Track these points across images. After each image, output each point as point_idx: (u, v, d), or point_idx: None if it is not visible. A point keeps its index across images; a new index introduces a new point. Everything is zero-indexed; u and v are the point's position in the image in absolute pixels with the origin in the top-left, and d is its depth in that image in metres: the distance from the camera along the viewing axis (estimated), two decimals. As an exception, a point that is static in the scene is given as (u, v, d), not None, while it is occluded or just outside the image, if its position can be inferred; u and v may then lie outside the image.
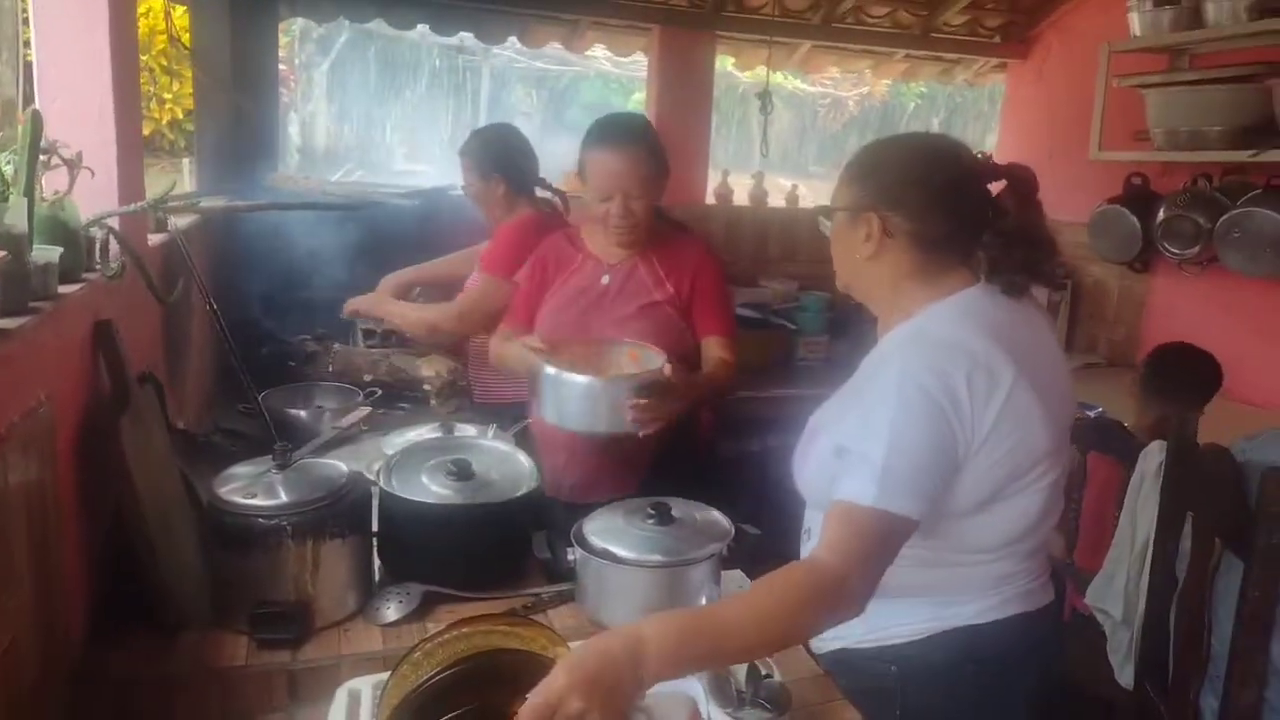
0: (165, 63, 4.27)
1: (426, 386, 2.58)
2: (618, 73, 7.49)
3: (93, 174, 1.39)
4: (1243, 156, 2.76)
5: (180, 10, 3.10)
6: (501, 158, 2.56)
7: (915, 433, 1.16)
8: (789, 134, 8.75)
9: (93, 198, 1.47)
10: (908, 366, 1.21)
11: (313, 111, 7.88)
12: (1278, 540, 1.37)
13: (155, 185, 2.05)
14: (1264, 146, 2.68)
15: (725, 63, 4.33)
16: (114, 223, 1.49)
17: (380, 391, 2.43)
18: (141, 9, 3.65)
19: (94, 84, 1.51)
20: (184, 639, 1.36)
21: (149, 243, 1.79)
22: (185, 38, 2.99)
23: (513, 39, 3.91)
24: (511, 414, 2.25)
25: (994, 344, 1.22)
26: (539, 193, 2.65)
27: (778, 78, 7.27)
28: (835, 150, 8.90)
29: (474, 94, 8.08)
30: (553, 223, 2.53)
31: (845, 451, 1.21)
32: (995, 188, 1.33)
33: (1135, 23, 3.14)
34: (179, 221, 2.11)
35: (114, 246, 1.50)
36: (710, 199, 3.94)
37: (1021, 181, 1.29)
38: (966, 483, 1.20)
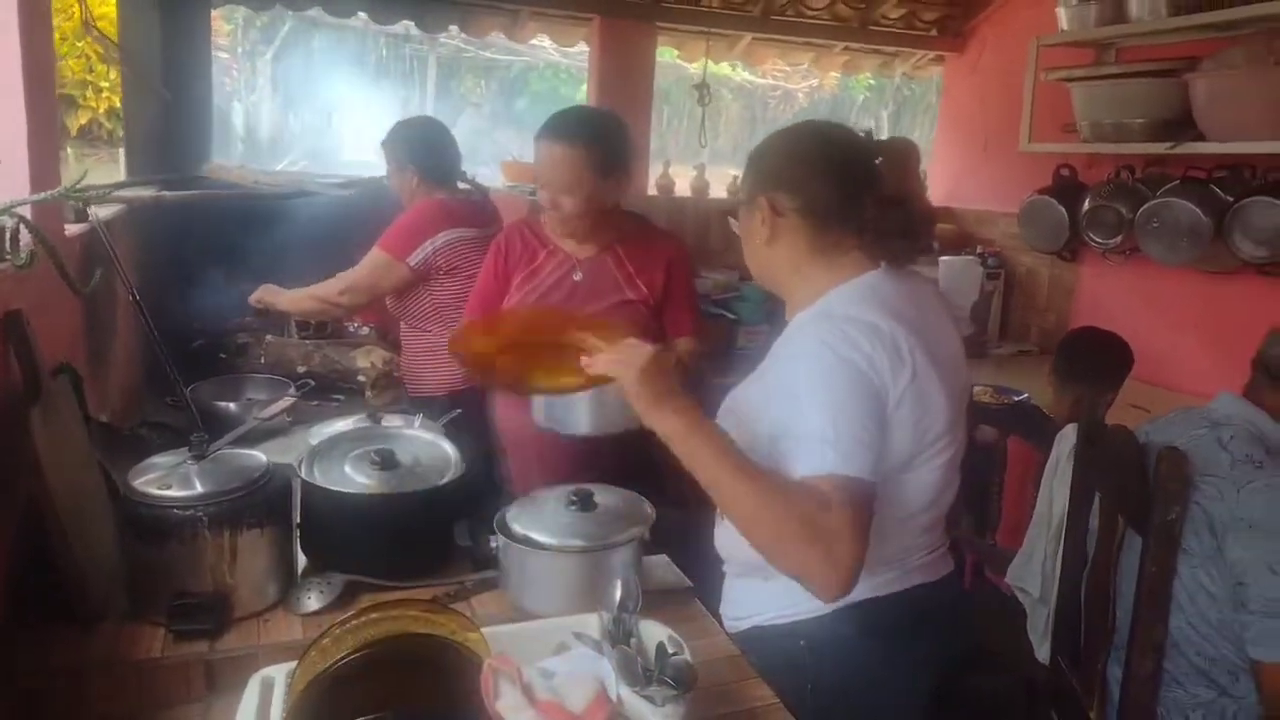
0: (102, 50, 4.16)
1: (361, 378, 2.57)
2: (567, 63, 7.47)
3: (-1, 163, 1.37)
4: (1161, 149, 2.84)
5: (108, -4, 3.04)
6: (417, 149, 2.62)
7: (848, 399, 1.21)
8: (740, 125, 8.79)
9: (3, 187, 1.45)
10: (822, 342, 1.25)
11: (256, 100, 7.74)
12: (1172, 517, 1.43)
13: (93, 176, 2.01)
14: (1181, 139, 2.77)
15: (671, 54, 4.36)
16: (25, 211, 1.46)
17: (313, 383, 2.41)
18: (76, -6, 3.57)
19: (3, 72, 1.48)
20: (100, 631, 1.34)
21: (65, 232, 1.76)
22: (111, 28, 2.92)
23: (454, 27, 3.89)
24: (443, 405, 2.27)
25: (896, 323, 1.27)
26: (460, 185, 2.68)
27: (725, 69, 7.29)
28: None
29: (421, 83, 8.00)
30: (462, 213, 2.58)
31: (784, 437, 1.25)
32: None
33: (1063, 17, 3.21)
34: (101, 211, 2.07)
35: (25, 236, 1.47)
36: (652, 190, 3.96)
37: (897, 153, 1.38)
38: (886, 445, 1.24)
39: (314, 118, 7.69)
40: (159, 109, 3.10)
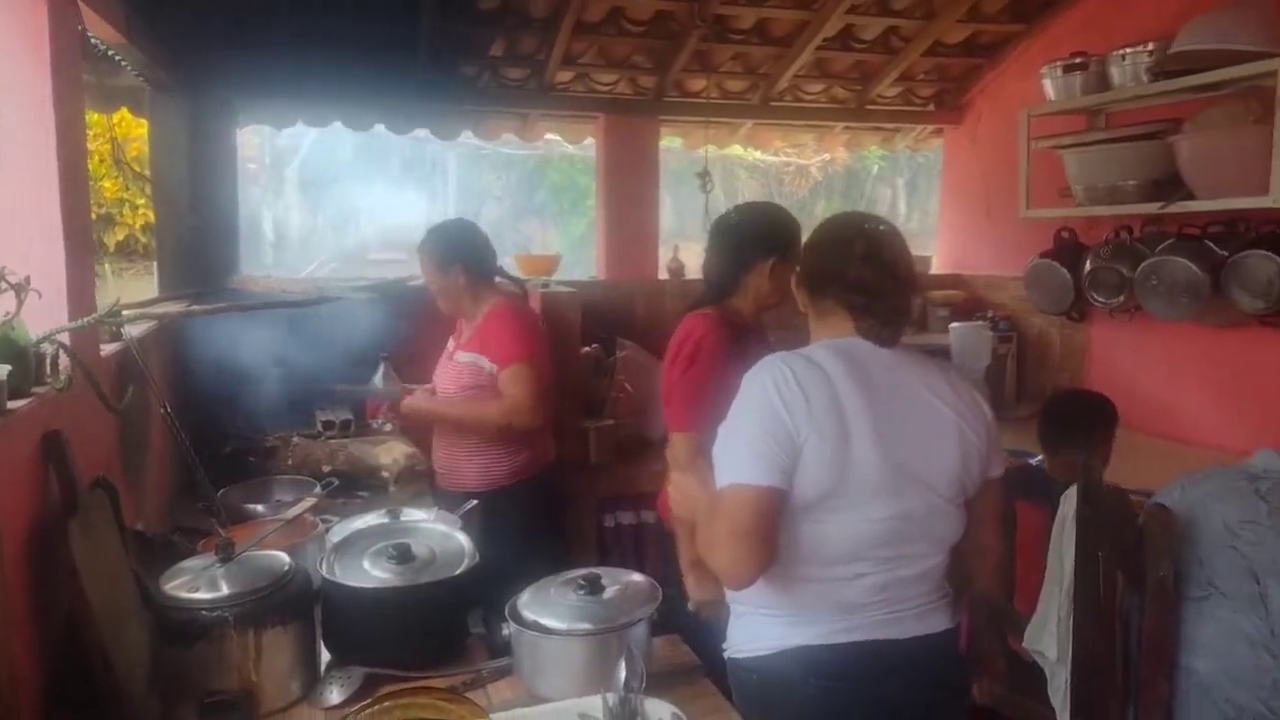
0: (137, 169, 4.41)
1: (385, 474, 2.65)
2: (581, 154, 7.75)
3: (40, 295, 1.49)
4: (1153, 208, 2.91)
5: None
6: (462, 250, 2.67)
7: (748, 414, 1.45)
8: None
9: (44, 314, 1.57)
10: (758, 373, 1.49)
11: (285, 207, 8.07)
12: (1165, 573, 1.45)
13: (128, 291, 2.16)
14: (1171, 198, 2.83)
15: (676, 142, 4.52)
16: (64, 338, 1.58)
17: (337, 482, 2.49)
18: (116, 117, 3.82)
19: (44, 211, 1.62)
20: (132, 734, 1.41)
21: (101, 352, 1.88)
22: (144, 147, 3.13)
23: (468, 132, 4.09)
24: (483, 500, 2.31)
25: (849, 371, 1.46)
26: (498, 280, 2.78)
27: (737, 150, 7.51)
28: (803, 215, 9.18)
29: (443, 180, 8.30)
30: (523, 304, 2.70)
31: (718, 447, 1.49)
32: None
33: (1049, 88, 3.33)
34: (134, 330, 2.20)
35: (64, 359, 1.59)
36: (664, 274, 4.08)
37: (868, 242, 1.56)
38: (803, 474, 1.41)
39: (341, 220, 8.00)
40: (188, 226, 3.28)
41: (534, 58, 3.64)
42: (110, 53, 2.49)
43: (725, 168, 8.81)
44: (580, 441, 3.15)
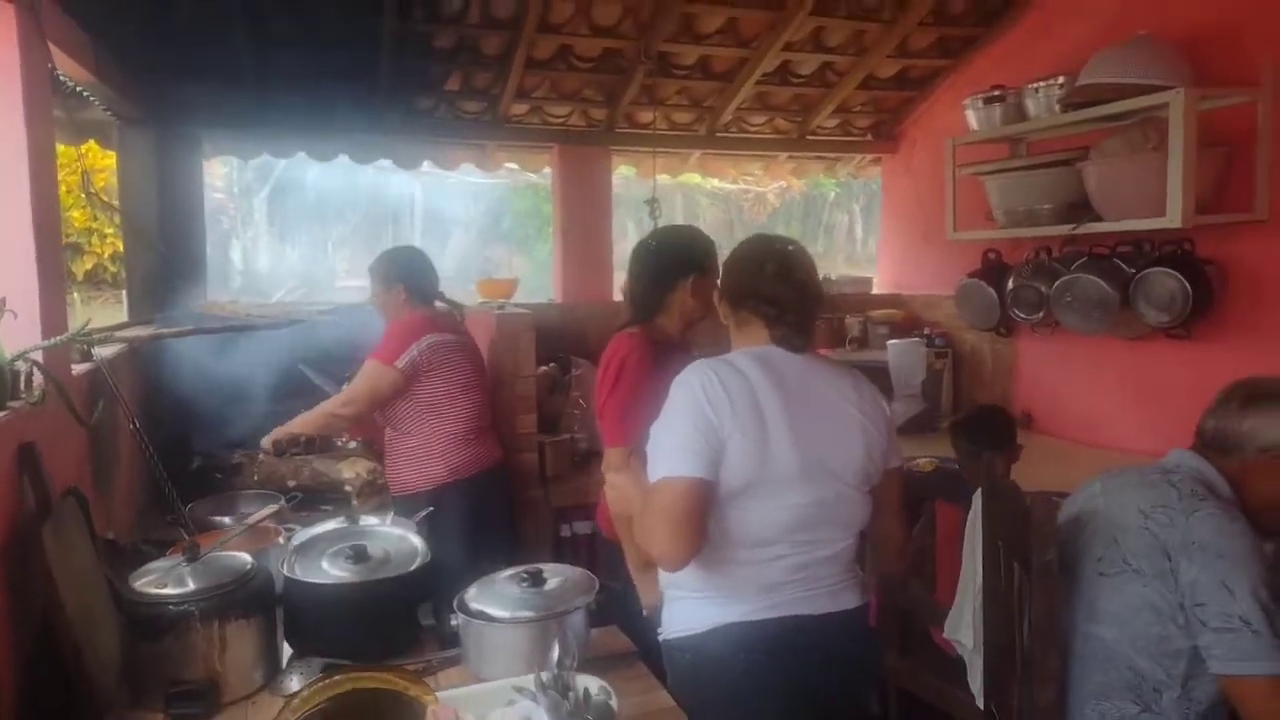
0: (105, 199, 4.50)
1: (348, 488, 2.77)
2: (544, 182, 7.93)
3: (15, 316, 1.61)
4: (1065, 230, 3.12)
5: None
6: (405, 272, 2.94)
7: (678, 414, 1.62)
8: (719, 228, 9.20)
9: (19, 334, 1.69)
10: (686, 375, 1.66)
11: (254, 236, 8.16)
12: (1049, 559, 1.62)
13: (97, 318, 2.29)
14: (1081, 220, 3.05)
15: (631, 171, 4.71)
16: (37, 356, 1.71)
17: (301, 496, 2.61)
18: (85, 148, 3.93)
19: (17, 237, 1.76)
20: (104, 722, 1.52)
21: (72, 371, 2.00)
22: (112, 178, 3.24)
23: (428, 162, 4.24)
24: (425, 501, 2.56)
25: (766, 374, 1.63)
26: (438, 304, 3.00)
27: (696, 179, 7.73)
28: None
29: (410, 209, 8.43)
30: (441, 322, 2.92)
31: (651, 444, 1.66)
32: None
33: (972, 119, 3.55)
34: (104, 351, 2.32)
35: (38, 377, 1.71)
36: (619, 295, 4.23)
37: (779, 261, 1.75)
38: (727, 466, 1.58)
39: (309, 248, 8.10)
40: (156, 255, 3.40)
41: (489, 92, 3.81)
42: (79, 89, 2.62)
43: (686, 195, 9.04)
44: (537, 455, 3.29)
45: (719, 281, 1.86)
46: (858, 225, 10.09)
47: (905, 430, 3.62)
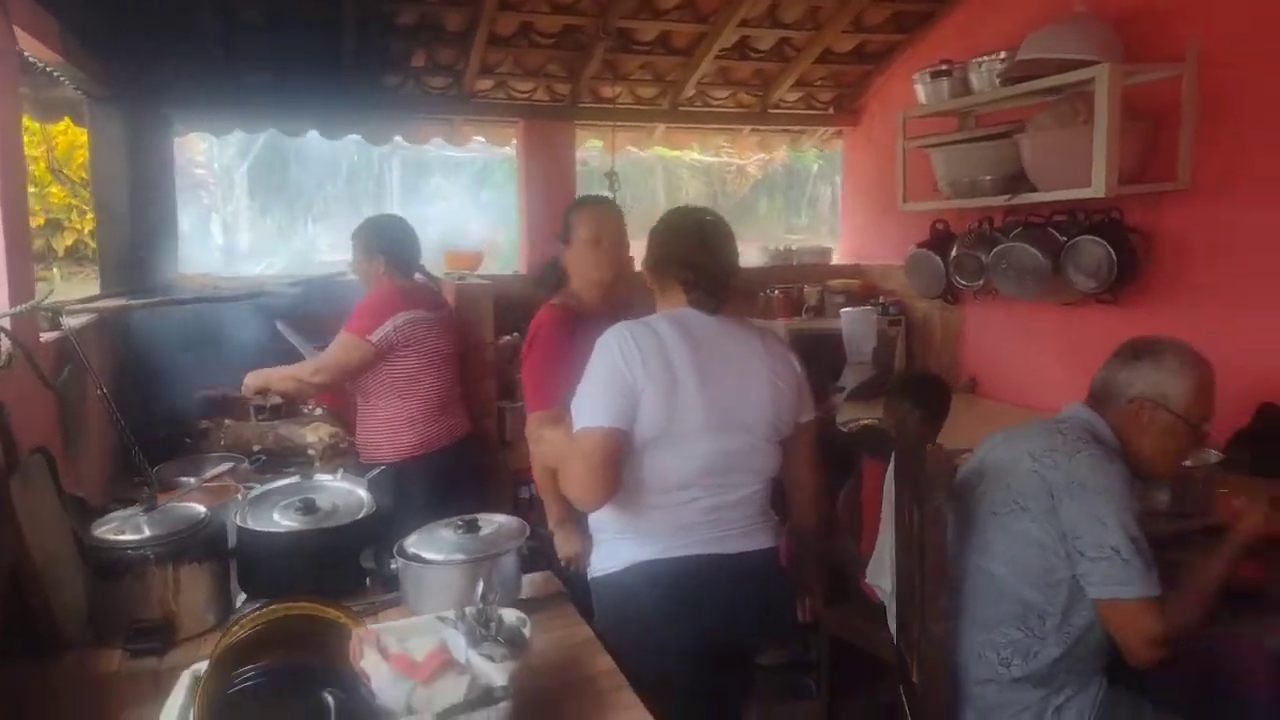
0: (84, 176, 4.59)
1: (311, 451, 2.91)
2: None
3: (-18, 285, 1.73)
4: (1001, 201, 3.25)
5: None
6: (388, 241, 2.96)
7: (596, 372, 1.77)
8: (701, 200, 9.29)
9: (-13, 304, 1.82)
10: (605, 337, 1.81)
11: (234, 211, 8.23)
12: (940, 503, 1.76)
13: (78, 292, 2.40)
14: (1017, 191, 3.17)
15: (597, 145, 4.80)
16: (4, 322, 1.83)
17: (265, 458, 2.74)
18: (60, 126, 4.02)
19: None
20: (69, 657, 1.65)
21: (41, 338, 2.12)
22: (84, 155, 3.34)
23: (398, 137, 4.34)
24: (393, 471, 2.59)
25: (681, 335, 1.78)
26: (417, 277, 3.06)
27: (675, 153, 7.82)
28: (746, 213, 9.52)
29: (389, 184, 8.50)
30: (417, 297, 2.95)
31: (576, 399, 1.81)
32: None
33: (921, 93, 3.66)
34: (75, 322, 2.44)
35: (5, 341, 1.83)
36: (583, 268, 4.35)
37: (699, 231, 1.90)
38: (642, 417, 1.73)
39: (291, 222, 8.17)
40: (128, 229, 3.50)
41: (453, 68, 3.90)
42: (48, 69, 2.72)
43: (668, 169, 9.12)
44: (497, 421, 3.43)
45: (648, 251, 1.99)
46: (838, 199, 10.22)
47: (856, 395, 3.77)
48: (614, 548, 1.86)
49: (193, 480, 2.52)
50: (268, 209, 8.37)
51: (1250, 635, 1.82)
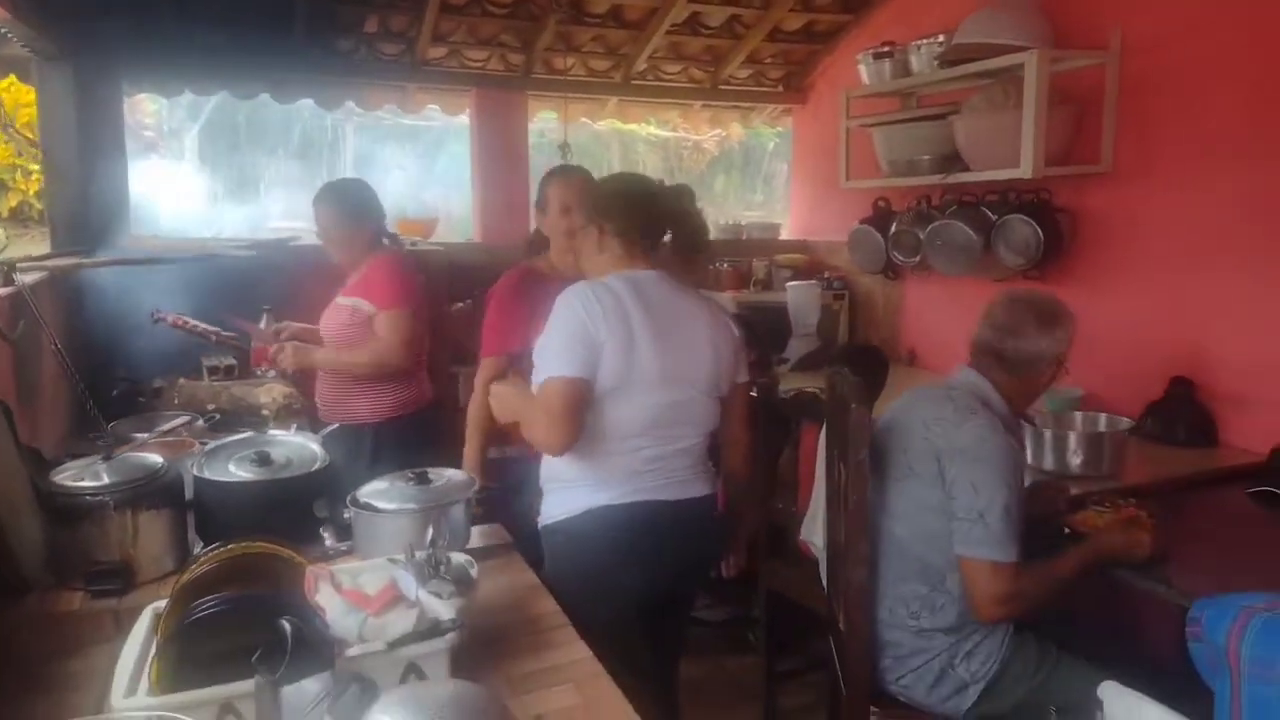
0: (30, 136, 4.53)
1: (264, 411, 2.96)
2: (480, 124, 8.02)
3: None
4: (937, 180, 3.39)
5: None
6: (369, 204, 2.95)
7: (561, 329, 1.88)
8: (658, 175, 9.36)
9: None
10: (567, 296, 1.92)
11: (184, 175, 8.11)
12: (862, 458, 1.90)
13: (22, 250, 2.42)
14: (950, 171, 3.31)
15: (551, 116, 4.86)
16: (-41, 277, 1.87)
17: (219, 417, 2.80)
18: (4, 83, 3.97)
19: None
20: (30, 598, 1.72)
21: (-5, 294, 2.16)
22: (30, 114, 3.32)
23: (350, 103, 4.35)
24: (369, 433, 2.82)
25: (635, 299, 1.90)
26: (385, 241, 3.06)
27: (630, 126, 7.88)
28: (702, 188, 9.62)
29: (343, 152, 8.43)
30: (408, 258, 3.03)
31: (538, 355, 1.92)
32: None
33: (864, 74, 3.78)
34: (28, 279, 2.47)
35: (-40, 296, 1.88)
36: (536, 237, 4.42)
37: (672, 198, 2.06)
38: (602, 368, 1.86)
39: (242, 188, 8.08)
40: (78, 190, 3.49)
41: (406, 35, 3.93)
42: (-5, 26, 2.71)
43: (624, 142, 9.17)
44: (452, 385, 3.51)
45: (606, 222, 2.04)
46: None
47: (800, 366, 3.91)
48: (567, 495, 1.98)
49: (146, 436, 2.58)
50: (218, 173, 8.27)
51: (1159, 592, 1.98)
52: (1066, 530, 2.14)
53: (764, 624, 3.05)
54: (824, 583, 2.47)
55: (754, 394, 2.91)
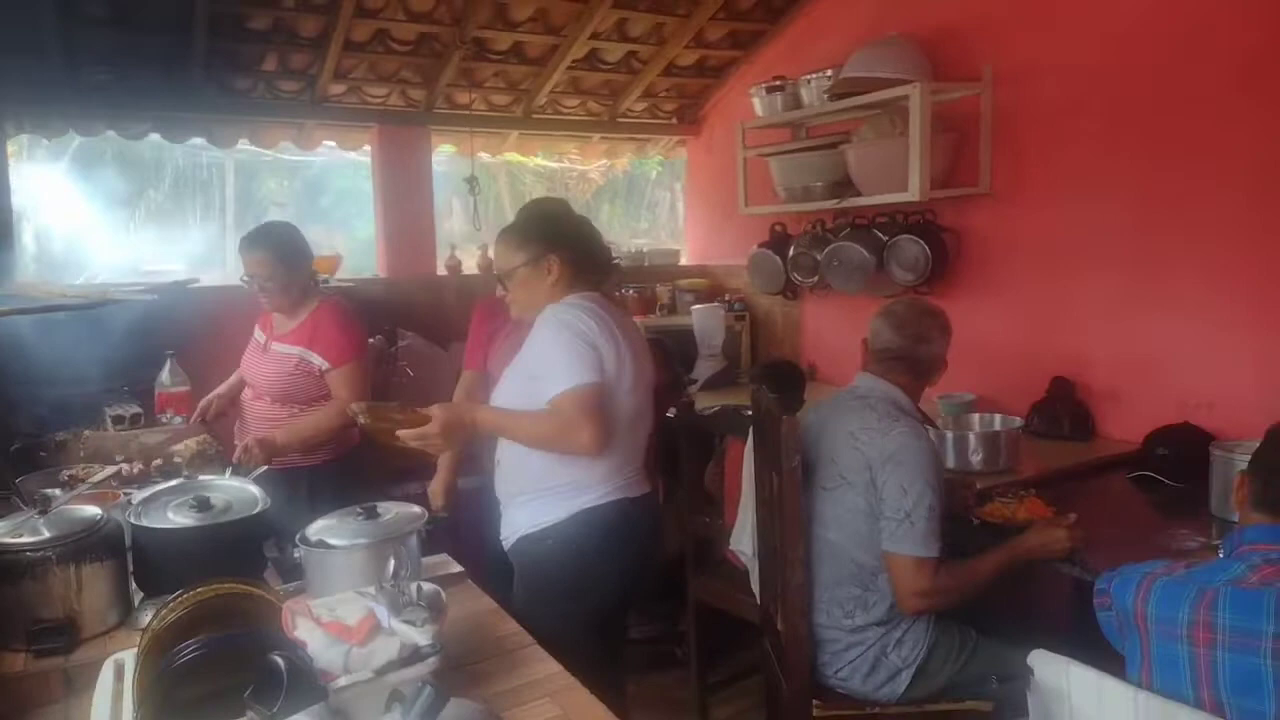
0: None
1: (177, 459, 2.87)
2: (365, 160, 7.91)
3: None
4: (831, 204, 3.61)
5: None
6: (304, 249, 2.90)
7: (563, 342, 2.00)
8: (545, 206, 9.44)
9: None
10: (558, 319, 2.05)
11: (48, 218, 7.69)
12: (795, 465, 2.02)
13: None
14: (844, 196, 3.53)
15: (450, 150, 4.88)
16: None
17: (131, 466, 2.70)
18: None
19: None
20: (-32, 663, 1.65)
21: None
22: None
23: (244, 141, 4.28)
24: (304, 475, 2.80)
25: (605, 317, 2.08)
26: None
27: (517, 157, 7.94)
28: (588, 216, 9.77)
29: (221, 189, 8.16)
30: (347, 304, 2.98)
31: (540, 378, 2.02)
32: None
33: (758, 106, 3.99)
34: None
35: None
36: (442, 270, 4.44)
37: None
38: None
39: (111, 231, 7.71)
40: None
41: (306, 73, 3.91)
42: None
43: (512, 173, 9.22)
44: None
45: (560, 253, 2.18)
46: (679, 203, 10.63)
47: (709, 385, 4.05)
48: (547, 503, 2.09)
49: (58, 491, 2.48)
50: (85, 217, 7.86)
51: (1063, 571, 2.17)
52: (976, 521, 2.32)
53: (693, 636, 3.14)
54: (755, 589, 2.58)
55: (672, 414, 3.04)
